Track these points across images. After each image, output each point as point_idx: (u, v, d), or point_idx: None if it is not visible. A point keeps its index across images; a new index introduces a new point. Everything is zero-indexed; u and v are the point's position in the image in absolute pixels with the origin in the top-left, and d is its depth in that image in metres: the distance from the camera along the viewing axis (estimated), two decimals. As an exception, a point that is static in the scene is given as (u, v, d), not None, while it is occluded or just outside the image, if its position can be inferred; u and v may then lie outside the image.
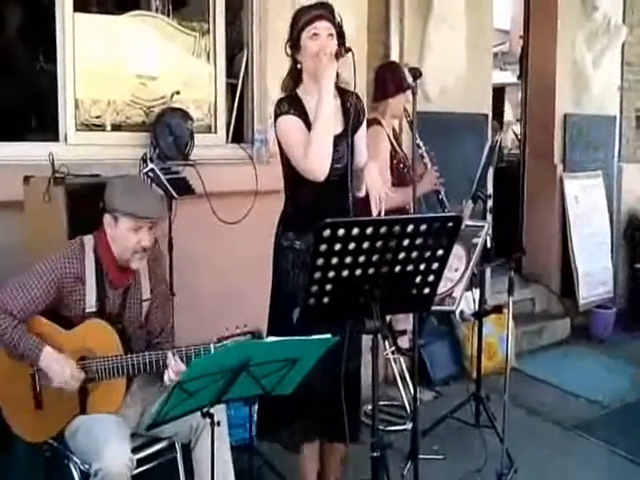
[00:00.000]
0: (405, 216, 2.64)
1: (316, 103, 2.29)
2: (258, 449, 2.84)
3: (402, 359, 3.69)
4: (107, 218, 2.24)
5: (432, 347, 4.13)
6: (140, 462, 2.23)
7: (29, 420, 2.24)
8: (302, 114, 2.34)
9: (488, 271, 4.26)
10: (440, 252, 1.85)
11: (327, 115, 2.27)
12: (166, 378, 2.17)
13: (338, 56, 2.26)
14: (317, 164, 2.28)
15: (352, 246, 1.74)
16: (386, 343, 3.55)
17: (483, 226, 2.98)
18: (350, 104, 2.41)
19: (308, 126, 2.32)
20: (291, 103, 2.36)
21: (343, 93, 2.43)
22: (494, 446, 3.03)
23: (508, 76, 8.45)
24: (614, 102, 5.51)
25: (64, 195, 2.58)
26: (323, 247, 1.73)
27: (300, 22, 2.33)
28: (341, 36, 2.35)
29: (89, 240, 2.27)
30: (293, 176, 2.37)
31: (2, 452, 2.50)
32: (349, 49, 2.27)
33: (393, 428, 3.43)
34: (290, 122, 2.33)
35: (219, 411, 2.13)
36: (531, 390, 4.03)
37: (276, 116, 2.37)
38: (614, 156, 5.54)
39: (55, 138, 3.15)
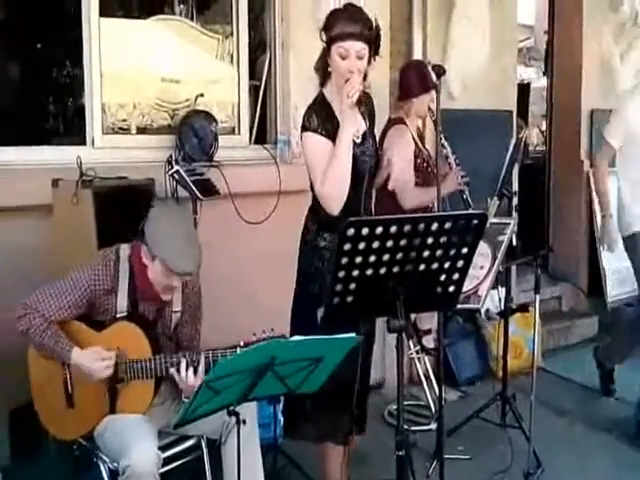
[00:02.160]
0: (429, 214, 2.64)
1: (338, 134, 2.28)
2: (283, 448, 2.86)
3: (427, 359, 3.68)
4: (144, 249, 2.21)
5: (457, 346, 4.11)
6: (167, 460, 2.26)
7: (61, 418, 2.29)
8: (329, 122, 2.32)
9: (514, 269, 4.23)
10: (465, 250, 1.85)
11: (345, 156, 2.27)
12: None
13: (360, 103, 2.29)
14: (332, 198, 2.29)
15: (376, 245, 1.75)
16: (411, 342, 3.54)
17: (508, 223, 2.96)
18: (363, 104, 2.44)
19: (334, 135, 2.30)
20: (320, 114, 2.33)
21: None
22: (521, 446, 3.01)
23: (533, 72, 8.37)
24: (642, 97, 5.41)
25: (92, 198, 2.63)
26: (347, 246, 1.73)
27: (332, 32, 2.27)
28: (376, 45, 2.32)
29: (125, 249, 2.28)
30: None
31: (33, 451, 2.55)
32: (368, 95, 2.33)
33: (418, 428, 3.42)
34: (314, 141, 2.32)
35: (249, 410, 2.16)
36: (558, 389, 3.99)
37: (304, 128, 2.34)
38: (642, 152, 5.44)
39: (82, 142, 3.20)
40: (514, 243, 3.08)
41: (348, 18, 2.27)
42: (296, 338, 1.97)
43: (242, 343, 2.18)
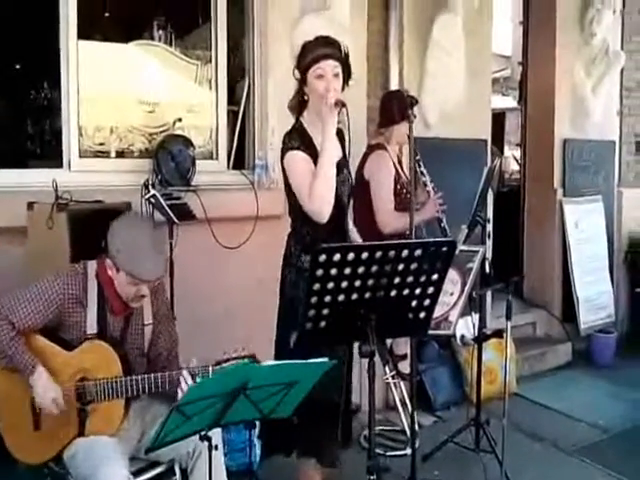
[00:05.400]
0: (400, 241, 2.68)
1: (320, 144, 2.35)
2: (257, 474, 2.84)
3: (402, 384, 3.68)
4: (109, 262, 2.23)
5: (433, 372, 4.13)
6: (138, 486, 2.23)
7: (27, 441, 2.25)
8: (310, 147, 2.39)
9: (489, 295, 4.27)
10: (435, 276, 1.88)
11: (329, 163, 2.34)
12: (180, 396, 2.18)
13: (337, 105, 2.31)
14: (320, 209, 2.35)
15: (348, 271, 1.77)
16: (386, 368, 3.55)
17: (477, 251, 3.01)
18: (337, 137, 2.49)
19: (315, 159, 2.37)
20: (299, 137, 2.40)
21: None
22: (494, 471, 3.02)
23: (510, 101, 8.53)
24: (613, 127, 5.55)
25: (67, 221, 2.62)
26: (320, 272, 1.75)
27: (307, 58, 2.37)
28: (348, 70, 2.42)
29: (92, 265, 2.29)
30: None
31: (3, 474, 2.50)
32: (344, 104, 2.33)
33: (393, 453, 3.42)
34: (297, 158, 2.38)
35: (215, 435, 2.15)
36: (532, 415, 4.01)
37: (285, 149, 2.41)
38: (614, 181, 5.57)
39: (59, 165, 3.20)
40: (487, 270, 3.12)
41: (321, 43, 2.39)
42: (269, 362, 1.98)
43: (214, 362, 2.20)
